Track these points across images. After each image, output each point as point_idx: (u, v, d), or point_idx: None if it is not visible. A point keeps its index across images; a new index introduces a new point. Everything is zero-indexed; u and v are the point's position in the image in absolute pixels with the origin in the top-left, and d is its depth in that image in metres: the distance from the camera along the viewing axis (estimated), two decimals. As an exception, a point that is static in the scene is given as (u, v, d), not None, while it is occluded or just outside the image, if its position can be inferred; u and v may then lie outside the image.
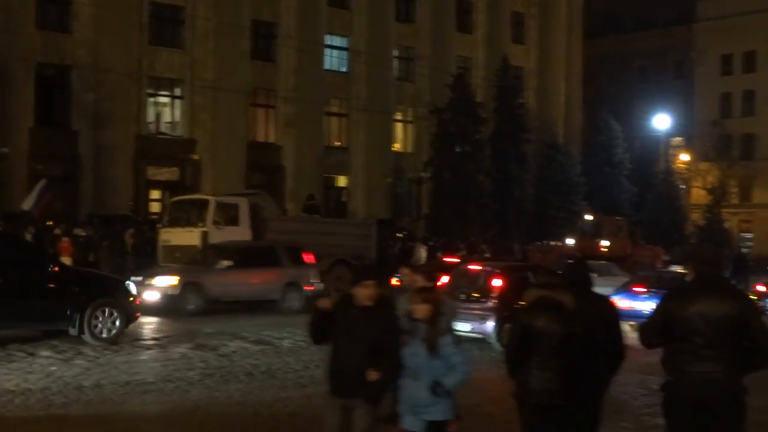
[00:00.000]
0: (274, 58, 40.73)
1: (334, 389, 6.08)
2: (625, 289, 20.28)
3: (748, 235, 59.94)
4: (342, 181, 44.20)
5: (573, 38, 54.29)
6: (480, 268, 18.03)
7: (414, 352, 5.93)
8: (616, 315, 6.62)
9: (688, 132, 61.10)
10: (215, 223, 22.94)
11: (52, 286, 14.18)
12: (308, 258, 21.92)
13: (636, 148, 54.92)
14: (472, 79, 45.79)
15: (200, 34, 37.56)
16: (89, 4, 34.24)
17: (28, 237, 22.42)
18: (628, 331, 7.62)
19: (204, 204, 23.72)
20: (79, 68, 34.69)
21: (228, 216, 23.43)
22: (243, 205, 23.90)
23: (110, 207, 33.23)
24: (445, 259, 24.28)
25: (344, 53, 43.66)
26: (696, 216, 58.29)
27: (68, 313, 14.08)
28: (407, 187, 43.67)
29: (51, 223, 26.15)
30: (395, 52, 45.57)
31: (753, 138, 60.21)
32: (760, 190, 60.14)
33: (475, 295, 16.20)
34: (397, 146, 45.97)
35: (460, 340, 5.07)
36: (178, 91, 38.39)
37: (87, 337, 14.14)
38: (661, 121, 53.85)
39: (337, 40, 43.42)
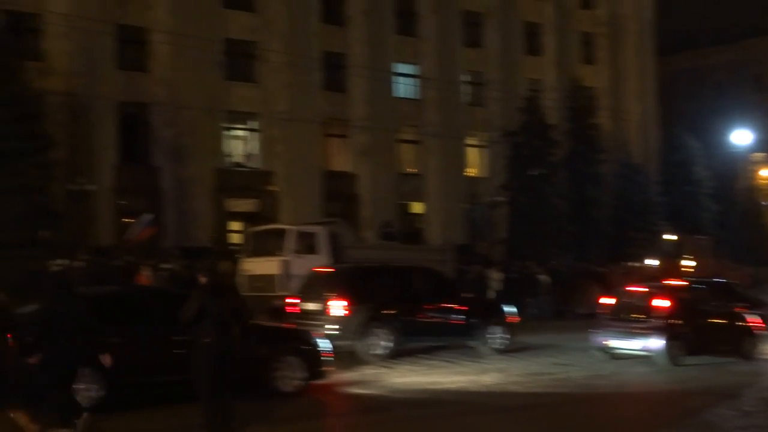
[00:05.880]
0: (346, 88, 41.17)
1: None
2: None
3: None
4: (417, 207, 44.26)
5: (645, 56, 53.74)
6: (644, 289, 18.78)
7: None
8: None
9: (769, 147, 59.75)
10: (295, 252, 23.25)
11: (464, 310, 18.75)
12: None
13: (716, 165, 53.86)
14: (543, 102, 45.56)
15: (273, 67, 38.17)
16: (166, 43, 35.13)
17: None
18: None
19: (283, 233, 24.08)
20: (158, 105, 35.55)
21: (307, 244, 23.74)
22: (321, 233, 24.17)
23: (192, 239, 33.89)
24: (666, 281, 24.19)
25: (414, 80, 43.91)
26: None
27: (474, 329, 18.60)
28: (483, 211, 43.52)
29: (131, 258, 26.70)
30: (465, 77, 45.67)
31: (836, 151, 58.46)
32: None
33: (638, 315, 17.34)
34: (470, 171, 45.93)
35: None
36: (253, 124, 39.05)
37: (484, 348, 18.53)
38: (741, 137, 52.75)
39: (406, 68, 43.69)
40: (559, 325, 25.45)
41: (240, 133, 39.28)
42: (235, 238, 36.53)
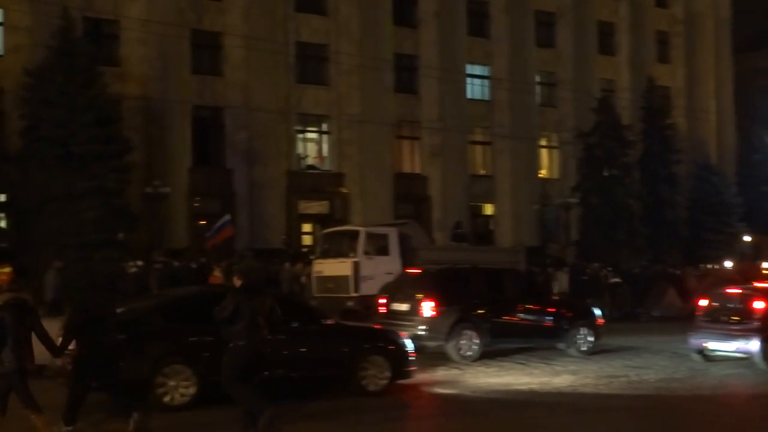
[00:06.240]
0: (417, 90, 41.19)
1: None
2: None
3: None
4: (488, 209, 44.06)
5: (721, 54, 52.64)
6: (740, 291, 18.45)
7: None
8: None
9: None
10: (366, 253, 23.31)
11: (552, 311, 18.80)
12: None
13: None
14: (617, 102, 44.99)
15: (344, 70, 38.41)
16: (239, 47, 35.61)
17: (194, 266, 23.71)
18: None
19: (355, 235, 24.14)
20: (232, 109, 36.05)
21: (378, 246, 23.75)
22: (392, 234, 24.16)
23: (264, 241, 34.29)
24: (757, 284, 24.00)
25: (486, 81, 43.73)
26: None
27: (562, 332, 18.54)
28: (555, 213, 43.14)
29: (204, 260, 27.10)
30: (537, 78, 45.32)
31: None
32: None
33: (735, 317, 17.05)
34: (542, 172, 45.56)
35: None
36: (325, 127, 39.33)
37: (571, 350, 18.45)
38: (822, 136, 51.28)
39: (478, 69, 43.52)
40: (634, 328, 25.10)
41: (312, 135, 39.62)
42: (307, 240, 36.92)
